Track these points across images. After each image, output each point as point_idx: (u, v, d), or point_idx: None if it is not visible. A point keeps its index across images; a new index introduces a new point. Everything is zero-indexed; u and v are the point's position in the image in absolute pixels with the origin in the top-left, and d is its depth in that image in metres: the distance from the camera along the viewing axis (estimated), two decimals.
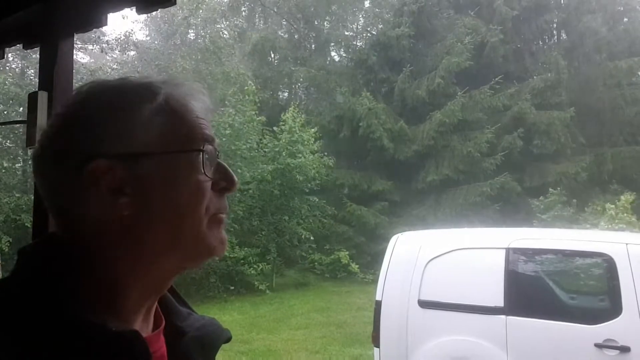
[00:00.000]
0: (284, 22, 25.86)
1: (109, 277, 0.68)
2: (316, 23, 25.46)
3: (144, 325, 0.73)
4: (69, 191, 0.68)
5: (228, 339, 0.83)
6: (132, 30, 21.49)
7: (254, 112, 15.29)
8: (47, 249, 0.69)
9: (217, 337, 0.82)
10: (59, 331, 0.60)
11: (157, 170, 0.68)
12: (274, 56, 24.49)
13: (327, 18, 25.66)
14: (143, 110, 0.69)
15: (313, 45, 25.63)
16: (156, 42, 21.73)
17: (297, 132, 15.01)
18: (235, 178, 0.76)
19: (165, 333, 0.76)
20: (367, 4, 25.41)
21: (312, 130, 15.49)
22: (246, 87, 16.24)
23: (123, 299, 0.69)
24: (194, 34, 21.44)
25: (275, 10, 25.03)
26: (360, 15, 26.33)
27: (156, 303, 0.76)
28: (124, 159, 0.67)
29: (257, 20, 27.07)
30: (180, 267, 0.74)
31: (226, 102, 15.36)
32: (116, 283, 0.68)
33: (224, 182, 0.75)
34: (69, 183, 0.67)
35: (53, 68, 1.76)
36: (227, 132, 14.04)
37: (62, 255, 0.67)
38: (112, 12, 1.82)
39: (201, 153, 0.71)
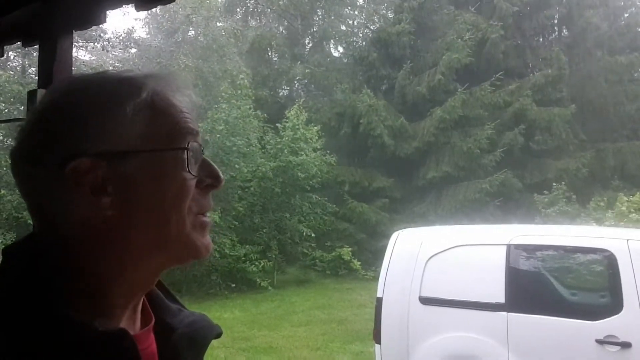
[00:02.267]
0: (282, 19, 25.81)
1: (94, 277, 0.67)
2: (312, 19, 25.39)
3: (130, 323, 0.72)
4: (49, 190, 0.66)
5: (219, 335, 0.82)
6: (132, 27, 21.47)
7: (249, 107, 15.25)
8: (30, 249, 0.68)
9: (207, 333, 0.81)
10: (46, 331, 0.59)
11: (141, 169, 0.67)
12: (272, 53, 24.45)
13: (324, 14, 25.59)
14: (127, 107, 0.67)
15: (311, 42, 25.58)
16: (157, 40, 21.73)
17: (301, 129, 15.00)
18: (221, 175, 0.74)
19: (154, 330, 0.76)
20: (361, 0, 25.37)
21: (315, 128, 15.50)
22: (238, 82, 16.19)
23: (108, 298, 0.68)
24: (193, 32, 21.40)
25: (271, 8, 24.97)
26: (357, 11, 26.27)
27: (144, 300, 0.76)
28: (107, 158, 0.65)
29: (252, 18, 27.03)
30: (165, 266, 0.73)
31: (219, 98, 15.32)
32: (101, 282, 0.67)
33: (209, 179, 0.73)
34: (49, 182, 0.66)
35: (52, 65, 1.76)
36: (221, 127, 14.01)
37: (46, 255, 0.66)
38: (111, 9, 1.82)
39: (186, 151, 0.69)
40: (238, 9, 26.33)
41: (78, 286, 0.66)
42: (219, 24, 21.29)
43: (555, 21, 20.92)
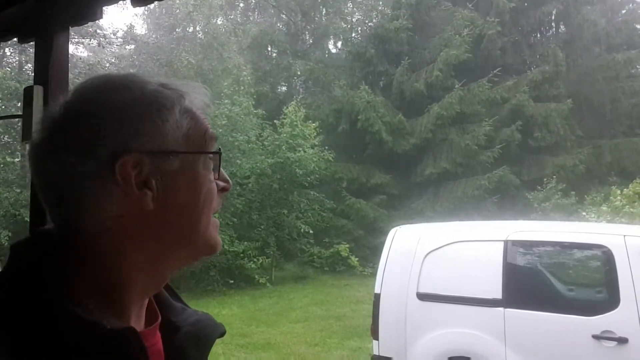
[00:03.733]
0: (282, 15, 25.77)
1: (113, 273, 0.68)
2: (313, 16, 25.36)
3: (136, 321, 0.73)
4: (88, 183, 0.67)
5: (222, 334, 0.84)
6: (131, 24, 21.42)
7: (250, 104, 15.25)
8: (40, 245, 0.69)
9: (211, 332, 0.82)
10: (51, 330, 0.60)
11: (181, 169, 0.71)
12: (272, 50, 24.41)
13: (324, 10, 25.55)
14: (176, 110, 0.72)
15: (311, 39, 25.56)
16: (154, 36, 21.64)
17: (299, 126, 15.00)
18: (229, 179, 0.80)
19: (160, 328, 0.77)
20: None
21: (313, 125, 15.49)
22: (241, 79, 16.19)
23: (123, 295, 0.69)
24: (192, 29, 21.32)
25: (273, 3, 24.94)
26: (356, 8, 26.22)
27: (150, 298, 0.77)
28: (153, 155, 0.69)
29: (254, 14, 26.98)
30: (183, 263, 0.76)
31: (221, 94, 15.32)
32: (119, 279, 0.69)
33: (223, 182, 0.78)
34: (93, 175, 0.66)
35: (48, 62, 1.75)
36: (224, 122, 14.01)
37: (57, 252, 0.67)
38: (108, 5, 1.82)
39: (219, 155, 0.76)
40: (239, 3, 26.26)
41: (90, 284, 0.67)
42: (219, 22, 21.18)
43: (553, 17, 20.92)
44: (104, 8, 1.84)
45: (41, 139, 0.70)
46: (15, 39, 2.15)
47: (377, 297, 5.29)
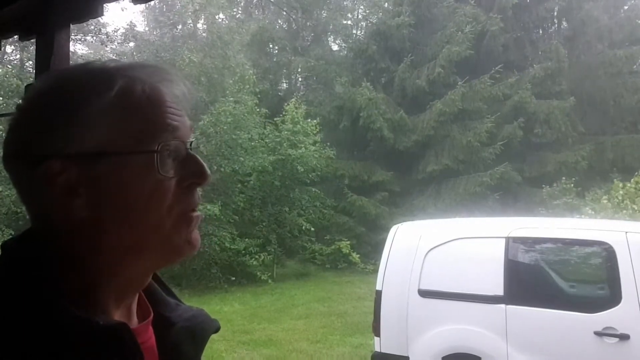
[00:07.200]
0: (282, 12, 25.73)
1: (83, 274, 0.66)
2: (314, 13, 25.31)
3: (126, 319, 0.72)
4: (26, 190, 0.67)
5: (217, 329, 0.83)
6: (131, 21, 21.41)
7: (254, 103, 15.27)
8: (28, 245, 0.68)
9: (207, 327, 0.81)
10: (46, 327, 0.60)
11: (112, 171, 0.64)
12: (273, 47, 24.38)
13: (325, 7, 25.51)
14: (97, 105, 0.65)
15: (311, 35, 25.52)
16: (155, 33, 21.63)
17: (300, 122, 14.99)
18: (207, 171, 0.70)
19: (153, 324, 0.76)
20: None
21: (314, 122, 15.49)
22: (247, 77, 16.18)
23: (100, 295, 0.68)
24: (192, 26, 21.30)
25: (272, 0, 24.90)
26: (360, 5, 26.19)
27: (141, 294, 0.76)
28: (77, 159, 0.64)
29: (254, 10, 26.95)
30: (152, 266, 0.72)
31: (227, 91, 15.32)
32: (90, 280, 0.67)
33: (192, 177, 0.69)
34: (25, 182, 0.66)
35: (49, 59, 1.75)
36: (229, 120, 14.02)
37: (42, 253, 0.66)
38: (108, 2, 1.82)
39: (155, 154, 0.65)
40: (240, 1, 26.23)
41: (72, 282, 0.65)
42: (221, 20, 21.12)
43: (555, 14, 20.85)
44: (105, 5, 1.84)
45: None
46: (16, 37, 2.15)
47: (379, 294, 5.29)
